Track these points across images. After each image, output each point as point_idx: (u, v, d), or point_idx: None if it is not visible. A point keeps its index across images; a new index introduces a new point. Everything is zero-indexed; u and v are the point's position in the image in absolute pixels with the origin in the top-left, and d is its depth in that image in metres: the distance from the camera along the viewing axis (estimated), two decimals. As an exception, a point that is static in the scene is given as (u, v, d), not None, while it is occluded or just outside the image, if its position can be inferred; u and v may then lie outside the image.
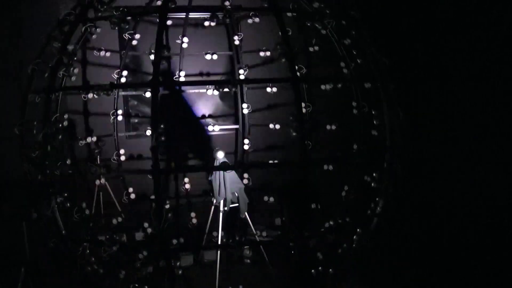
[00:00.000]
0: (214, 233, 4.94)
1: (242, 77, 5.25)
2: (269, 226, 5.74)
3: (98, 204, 5.10)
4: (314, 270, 4.13)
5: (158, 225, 3.81)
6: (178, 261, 5.16)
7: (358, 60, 4.36)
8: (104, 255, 4.65)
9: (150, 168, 3.72)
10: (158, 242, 3.91)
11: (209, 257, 5.31)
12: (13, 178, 4.59)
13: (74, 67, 4.26)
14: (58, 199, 4.30)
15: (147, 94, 5.15)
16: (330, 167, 4.73)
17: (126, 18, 3.96)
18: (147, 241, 4.57)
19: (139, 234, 5.09)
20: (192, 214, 5.10)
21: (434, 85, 5.72)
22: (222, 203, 4.91)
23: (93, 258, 4.49)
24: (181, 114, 5.69)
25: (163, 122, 4.11)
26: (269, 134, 5.64)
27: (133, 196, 5.06)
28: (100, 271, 4.53)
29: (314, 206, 4.70)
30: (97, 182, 4.69)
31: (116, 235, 4.44)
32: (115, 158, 5.06)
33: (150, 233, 4.66)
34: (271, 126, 5.37)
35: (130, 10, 4.11)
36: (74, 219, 4.43)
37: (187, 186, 5.19)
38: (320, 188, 4.54)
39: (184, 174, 5.51)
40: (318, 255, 4.51)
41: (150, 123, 3.95)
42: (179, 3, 4.00)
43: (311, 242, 4.93)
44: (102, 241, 4.35)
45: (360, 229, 4.48)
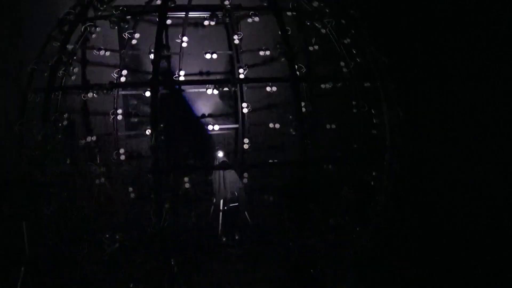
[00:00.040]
0: (214, 232, 4.94)
1: (242, 76, 5.25)
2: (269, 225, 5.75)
3: (97, 203, 5.10)
4: (313, 270, 4.13)
5: (158, 224, 3.82)
6: (177, 260, 5.22)
7: (357, 59, 4.36)
8: (103, 255, 4.67)
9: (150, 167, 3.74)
10: (157, 242, 3.92)
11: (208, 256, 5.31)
12: (13, 178, 4.59)
13: (73, 67, 4.27)
14: (58, 199, 4.31)
15: (147, 93, 5.16)
16: (330, 167, 4.72)
17: (125, 18, 3.97)
18: (147, 240, 4.57)
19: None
20: (191, 213, 5.10)
21: (434, 85, 5.72)
22: (221, 202, 4.91)
23: (92, 257, 4.51)
24: (181, 113, 5.68)
25: (163, 121, 4.11)
26: (269, 133, 5.64)
27: (132, 195, 5.06)
28: (100, 271, 4.53)
29: (313, 206, 4.70)
30: (96, 181, 4.68)
31: (116, 234, 4.45)
32: (115, 157, 5.06)
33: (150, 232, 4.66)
34: (271, 125, 5.37)
35: (129, 9, 4.12)
36: (74, 219, 4.43)
37: (187, 185, 5.18)
38: (319, 187, 4.53)
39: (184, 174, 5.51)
40: (318, 254, 4.51)
41: (150, 122, 3.94)
42: (179, 2, 4.00)
43: (311, 242, 4.94)
44: (102, 240, 4.36)
45: (359, 228, 4.48)
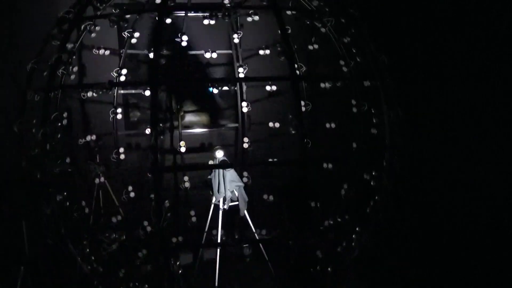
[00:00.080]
0: (214, 231, 4.93)
1: (242, 75, 5.24)
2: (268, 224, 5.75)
3: (97, 202, 5.10)
4: (313, 269, 4.13)
5: (157, 223, 3.82)
6: (177, 259, 5.22)
7: (357, 58, 4.35)
8: (103, 254, 4.67)
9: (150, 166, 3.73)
10: (157, 241, 3.92)
11: (208, 255, 5.31)
12: (12, 178, 4.59)
13: (73, 66, 4.26)
14: (58, 198, 4.31)
15: (147, 92, 5.15)
16: (330, 166, 4.72)
17: (125, 16, 3.96)
18: (147, 239, 4.57)
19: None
20: (191, 213, 5.10)
21: (434, 84, 5.72)
22: (221, 202, 4.91)
23: (92, 257, 4.51)
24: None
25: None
26: (269, 132, 5.63)
27: (132, 194, 5.05)
28: (99, 270, 4.53)
29: (313, 205, 4.70)
30: (96, 180, 4.68)
31: (115, 234, 4.45)
32: (115, 156, 5.05)
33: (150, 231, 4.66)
34: (271, 124, 5.36)
35: (129, 8, 4.12)
36: (74, 218, 4.43)
37: (187, 184, 5.18)
38: (319, 186, 4.53)
39: (183, 173, 5.50)
40: (318, 254, 4.51)
41: (150, 122, 3.94)
42: (178, 1, 4.00)
43: (311, 241, 4.94)
44: (102, 239, 4.36)
45: (359, 228, 4.48)
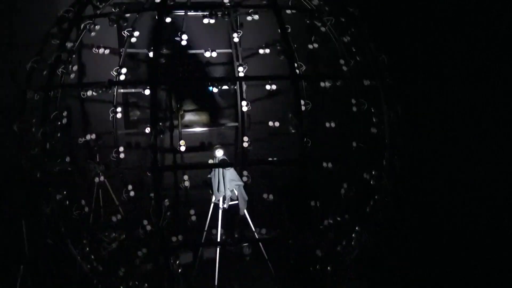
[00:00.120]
0: (213, 230, 4.93)
1: (242, 74, 5.23)
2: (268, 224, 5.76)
3: (97, 201, 5.10)
4: (313, 269, 4.13)
5: (157, 222, 3.82)
6: (177, 258, 5.22)
7: (357, 57, 4.35)
8: (103, 253, 4.67)
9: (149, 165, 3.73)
10: (157, 240, 3.92)
11: (208, 254, 5.32)
12: (12, 177, 4.59)
13: (72, 65, 4.26)
14: (58, 197, 4.30)
15: (146, 91, 5.14)
16: (329, 165, 4.72)
17: (124, 15, 3.96)
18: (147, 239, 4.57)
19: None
20: (191, 212, 5.09)
21: (434, 84, 5.72)
22: (221, 201, 4.91)
23: (92, 256, 4.51)
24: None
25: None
26: (269, 131, 5.62)
27: (132, 193, 5.05)
28: (99, 269, 4.54)
29: (313, 205, 4.70)
30: (96, 179, 4.68)
31: (115, 233, 4.45)
32: (114, 155, 5.05)
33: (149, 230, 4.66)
34: (271, 123, 5.35)
35: (128, 7, 4.11)
36: (74, 217, 4.42)
37: (187, 183, 5.17)
38: (319, 186, 4.53)
39: (183, 172, 5.50)
40: (317, 254, 4.51)
41: (150, 121, 3.93)
42: (178, 0, 3.99)
43: (311, 241, 4.93)
44: (102, 239, 4.36)
45: (359, 228, 4.48)
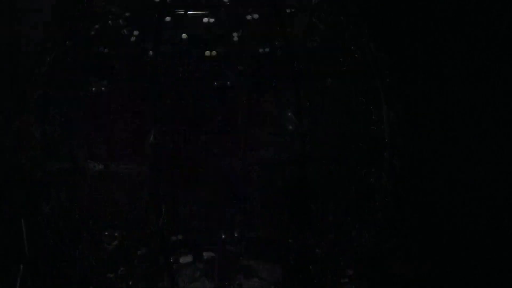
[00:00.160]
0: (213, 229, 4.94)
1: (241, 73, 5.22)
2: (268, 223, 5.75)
3: (97, 201, 5.10)
4: (312, 269, 4.13)
5: (157, 221, 3.82)
6: (177, 258, 5.22)
7: (356, 56, 4.35)
8: (103, 253, 4.68)
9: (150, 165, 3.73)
10: (157, 239, 3.92)
11: (208, 254, 5.32)
12: (12, 177, 4.61)
13: (72, 63, 4.26)
14: (57, 196, 4.31)
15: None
16: (329, 165, 4.71)
17: (124, 14, 3.97)
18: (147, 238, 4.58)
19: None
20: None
21: (434, 84, 5.74)
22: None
23: (92, 256, 4.52)
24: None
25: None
26: (269, 130, 5.63)
27: (132, 192, 5.05)
28: (99, 269, 4.54)
29: (313, 204, 4.70)
30: (96, 178, 4.68)
31: (115, 232, 4.46)
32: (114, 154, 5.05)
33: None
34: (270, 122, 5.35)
35: (128, 5, 4.12)
36: (73, 217, 4.43)
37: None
38: (319, 186, 4.54)
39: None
40: (317, 253, 4.51)
41: (150, 120, 3.94)
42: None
43: (310, 241, 4.93)
44: (101, 238, 4.37)
45: (359, 227, 4.48)
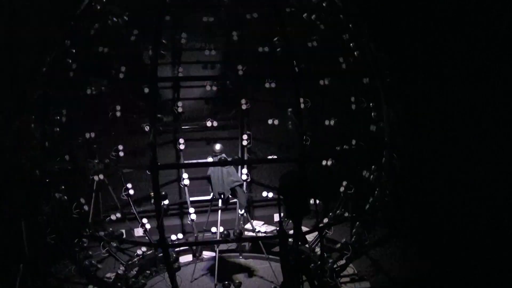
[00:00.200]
0: (213, 228, 4.94)
1: (241, 72, 5.21)
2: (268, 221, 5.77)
3: (97, 200, 5.10)
4: (312, 268, 4.13)
5: (157, 220, 3.83)
6: (177, 257, 5.23)
7: (355, 54, 4.35)
8: (102, 251, 4.68)
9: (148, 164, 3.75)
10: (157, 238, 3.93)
11: (208, 252, 5.34)
12: (12, 177, 4.59)
13: (72, 63, 4.25)
14: (57, 196, 4.30)
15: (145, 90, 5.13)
16: (329, 163, 4.72)
17: (124, 14, 3.96)
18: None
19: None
20: (190, 210, 5.09)
21: (434, 84, 5.73)
22: (221, 199, 4.92)
23: (92, 255, 4.52)
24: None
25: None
26: (269, 130, 5.62)
27: (131, 192, 5.05)
28: (98, 266, 4.54)
29: (312, 202, 4.70)
30: (95, 178, 4.67)
31: (115, 231, 4.46)
32: (114, 154, 5.04)
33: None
34: (270, 122, 5.35)
35: (128, 6, 4.11)
36: (73, 216, 4.43)
37: (186, 182, 5.17)
38: (319, 184, 4.53)
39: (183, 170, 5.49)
40: (317, 252, 4.52)
41: (148, 119, 3.94)
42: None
43: (311, 240, 4.94)
44: (101, 237, 4.36)
45: (359, 227, 4.49)
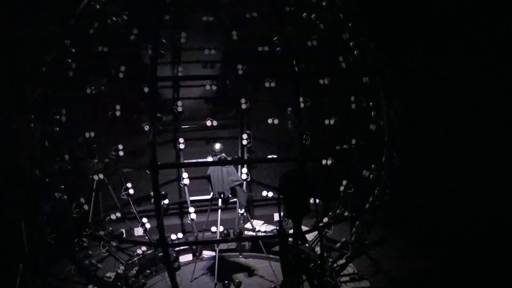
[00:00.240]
0: (213, 228, 4.94)
1: (241, 72, 5.21)
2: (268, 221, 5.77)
3: (97, 199, 5.10)
4: (312, 268, 4.13)
5: (157, 220, 3.82)
6: (177, 256, 5.23)
7: (355, 53, 4.35)
8: (102, 251, 4.68)
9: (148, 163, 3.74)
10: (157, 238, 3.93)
11: (208, 252, 5.34)
12: (12, 177, 4.59)
13: (71, 63, 4.25)
14: (57, 195, 4.30)
15: (145, 89, 5.12)
16: (329, 162, 4.72)
17: (124, 14, 3.95)
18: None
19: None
20: (190, 209, 5.09)
21: (434, 84, 5.73)
22: (220, 198, 4.92)
23: (92, 254, 4.52)
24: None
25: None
26: (269, 129, 5.62)
27: (131, 191, 5.05)
28: (98, 266, 4.54)
29: (312, 201, 4.69)
30: (95, 177, 4.67)
31: (115, 230, 4.46)
32: (113, 153, 5.03)
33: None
34: (270, 121, 5.35)
35: (128, 5, 4.10)
36: (73, 215, 4.42)
37: (186, 181, 5.17)
38: (318, 182, 4.53)
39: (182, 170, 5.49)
40: (317, 252, 4.52)
41: (148, 118, 3.93)
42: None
43: (311, 239, 4.94)
44: (101, 236, 4.36)
45: (359, 226, 4.49)
